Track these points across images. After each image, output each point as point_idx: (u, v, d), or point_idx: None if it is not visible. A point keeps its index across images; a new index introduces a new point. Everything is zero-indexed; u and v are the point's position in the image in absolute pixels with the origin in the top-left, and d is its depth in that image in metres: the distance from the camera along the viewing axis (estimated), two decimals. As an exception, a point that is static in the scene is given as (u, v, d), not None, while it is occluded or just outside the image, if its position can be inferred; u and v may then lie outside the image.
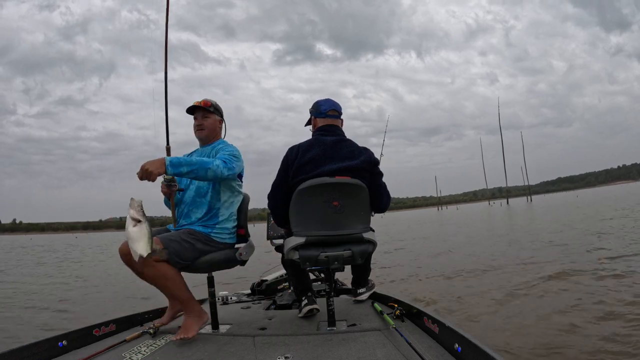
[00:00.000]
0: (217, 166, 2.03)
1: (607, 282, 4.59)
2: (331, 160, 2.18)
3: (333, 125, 2.33)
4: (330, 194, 2.10)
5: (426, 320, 2.00)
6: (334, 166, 2.16)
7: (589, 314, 3.49)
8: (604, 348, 2.77)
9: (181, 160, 1.95)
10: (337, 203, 2.10)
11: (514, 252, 7.76)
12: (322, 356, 1.75)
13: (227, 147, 2.26)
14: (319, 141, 2.24)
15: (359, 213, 2.18)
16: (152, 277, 1.98)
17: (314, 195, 2.10)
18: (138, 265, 1.88)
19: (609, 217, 13.45)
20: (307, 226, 2.12)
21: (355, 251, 2.12)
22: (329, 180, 2.09)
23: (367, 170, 2.24)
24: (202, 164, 1.98)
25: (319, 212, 2.11)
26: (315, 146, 2.21)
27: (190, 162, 1.96)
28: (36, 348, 1.85)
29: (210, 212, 2.23)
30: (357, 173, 2.17)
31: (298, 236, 2.12)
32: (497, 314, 3.87)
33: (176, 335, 2.01)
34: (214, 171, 2.02)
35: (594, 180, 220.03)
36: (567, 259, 6.24)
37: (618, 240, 7.73)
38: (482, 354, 1.43)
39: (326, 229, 2.11)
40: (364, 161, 2.22)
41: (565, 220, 14.71)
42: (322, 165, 2.16)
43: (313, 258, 2.09)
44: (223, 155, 2.14)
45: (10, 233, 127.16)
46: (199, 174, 1.99)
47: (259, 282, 3.40)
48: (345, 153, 2.22)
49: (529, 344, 2.98)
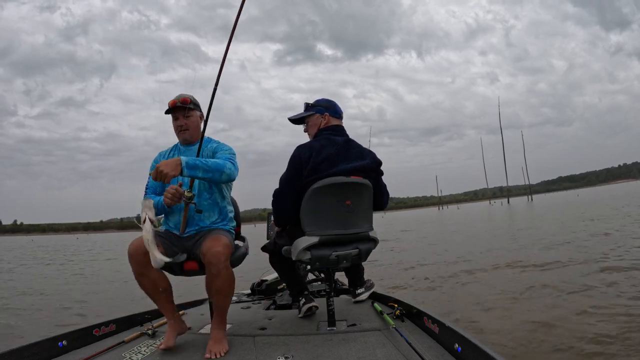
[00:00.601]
0: (230, 168, 2.00)
1: (616, 278, 4.63)
2: (344, 160, 2.18)
3: (341, 126, 2.36)
4: (344, 193, 2.11)
5: (426, 320, 2.00)
6: (348, 166, 2.16)
7: (595, 315, 3.48)
8: (608, 350, 2.77)
9: (197, 162, 1.90)
10: (350, 202, 2.12)
11: (516, 252, 7.74)
12: (322, 356, 1.75)
13: (224, 146, 2.21)
14: (330, 140, 2.23)
15: (366, 212, 2.21)
16: (151, 279, 1.95)
17: (328, 195, 2.09)
18: (146, 269, 1.88)
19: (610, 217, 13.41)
20: (320, 225, 2.10)
21: (362, 249, 2.15)
22: (344, 180, 2.10)
23: (374, 170, 2.29)
24: (217, 167, 1.95)
25: (332, 212, 2.11)
26: (328, 146, 2.20)
27: (207, 165, 1.92)
28: (36, 348, 1.85)
29: (222, 213, 2.20)
30: (367, 173, 2.21)
31: (311, 236, 2.08)
32: (502, 313, 3.87)
33: (158, 345, 1.97)
34: (228, 174, 1.99)
35: (595, 179, 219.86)
36: (569, 260, 6.22)
37: (620, 241, 7.70)
38: (482, 354, 1.43)
39: (338, 228, 2.11)
40: (373, 161, 2.27)
41: (566, 220, 14.69)
42: (337, 165, 2.16)
43: (325, 258, 2.08)
44: (226, 155, 2.10)
45: (12, 234, 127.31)
46: (214, 176, 1.94)
47: (259, 282, 3.40)
48: (355, 153, 2.24)
49: (530, 344, 2.98)
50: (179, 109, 2.19)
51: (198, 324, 2.38)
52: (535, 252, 7.46)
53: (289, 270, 2.46)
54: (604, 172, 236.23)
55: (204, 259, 1.90)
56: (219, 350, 1.85)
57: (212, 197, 2.17)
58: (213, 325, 1.97)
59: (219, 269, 1.85)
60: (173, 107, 2.19)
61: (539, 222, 15.65)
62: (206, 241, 1.94)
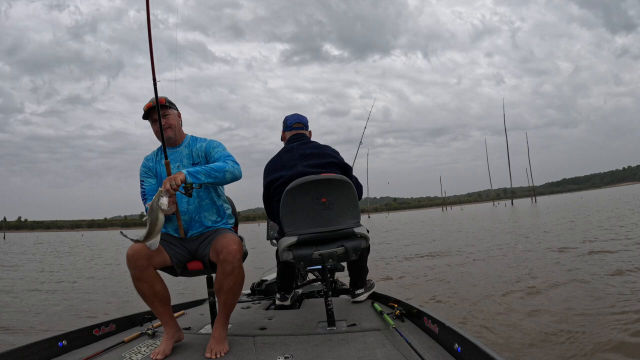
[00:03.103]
0: (232, 167, 2.01)
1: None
2: (303, 160, 2.30)
3: (298, 134, 2.50)
4: (317, 191, 2.14)
5: (426, 320, 2.00)
6: (305, 163, 2.29)
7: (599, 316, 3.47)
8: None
9: (197, 167, 1.94)
10: (326, 199, 2.15)
11: (522, 254, 7.71)
12: (322, 356, 1.74)
13: (219, 146, 2.20)
14: (286, 148, 2.43)
15: (348, 208, 2.22)
16: (150, 284, 1.92)
17: (301, 194, 2.13)
18: (145, 274, 1.88)
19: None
20: (298, 225, 2.15)
21: (349, 247, 2.14)
22: (314, 178, 2.13)
23: (337, 165, 2.35)
24: (219, 167, 1.97)
25: (308, 210, 2.14)
26: (284, 153, 2.39)
27: (208, 166, 1.95)
28: (36, 348, 1.86)
29: (220, 211, 2.21)
30: (329, 168, 2.29)
31: (290, 236, 2.15)
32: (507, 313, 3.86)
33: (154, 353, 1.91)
34: (232, 172, 2.01)
35: (599, 182, 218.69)
36: (573, 261, 6.19)
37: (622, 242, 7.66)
38: (482, 354, 1.43)
39: (317, 226, 2.14)
40: (331, 155, 2.37)
41: (569, 221, 14.64)
42: (295, 167, 2.28)
43: (307, 257, 2.11)
44: (224, 155, 2.11)
45: (16, 230, 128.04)
46: (218, 177, 1.96)
47: (259, 282, 3.41)
48: (312, 152, 2.36)
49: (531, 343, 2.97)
50: (154, 110, 2.13)
51: (198, 324, 2.38)
52: (544, 253, 7.43)
53: (284, 269, 2.73)
54: (609, 175, 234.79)
55: (217, 257, 1.91)
56: (220, 349, 1.85)
57: (208, 195, 2.18)
58: (216, 325, 1.96)
59: (234, 267, 1.88)
60: (149, 109, 2.15)
61: (546, 223, 15.55)
62: (219, 240, 1.95)
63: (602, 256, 6.30)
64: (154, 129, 2.19)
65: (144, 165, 2.23)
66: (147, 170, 2.21)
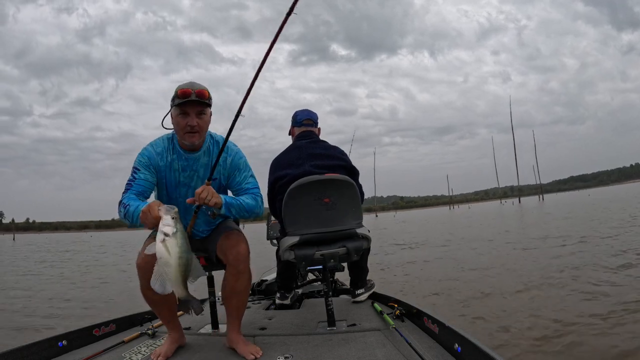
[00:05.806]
0: (260, 207, 1.94)
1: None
2: (310, 160, 2.29)
3: (308, 131, 2.48)
4: (320, 191, 2.13)
5: (426, 320, 1.99)
6: (312, 163, 2.27)
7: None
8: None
9: (234, 201, 1.84)
10: (329, 200, 2.14)
11: (529, 253, 7.65)
12: (322, 356, 1.74)
13: (246, 168, 1.98)
14: (295, 145, 2.42)
15: (350, 209, 2.22)
16: (160, 295, 1.68)
17: (304, 194, 2.13)
18: None
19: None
20: (300, 225, 2.15)
21: (350, 247, 2.14)
22: (317, 178, 2.13)
23: (344, 168, 2.34)
24: (250, 208, 1.88)
25: (311, 210, 2.14)
26: (292, 150, 2.37)
27: (242, 205, 1.85)
28: (36, 348, 1.86)
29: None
30: (335, 171, 2.27)
31: (292, 235, 2.15)
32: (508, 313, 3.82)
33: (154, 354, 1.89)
34: (257, 214, 1.94)
35: (607, 179, 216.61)
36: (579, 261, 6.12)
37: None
38: (482, 354, 1.42)
39: (319, 226, 2.14)
40: (339, 157, 2.36)
41: (577, 220, 14.49)
42: (302, 166, 2.26)
43: (309, 257, 2.11)
44: (252, 187, 1.96)
45: (24, 232, 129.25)
46: (243, 216, 1.92)
47: (259, 282, 3.41)
48: (321, 152, 2.34)
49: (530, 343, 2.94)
50: (193, 104, 1.79)
51: (198, 324, 2.38)
52: (549, 252, 7.34)
53: (285, 268, 2.70)
54: (616, 172, 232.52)
55: (225, 258, 1.89)
56: (256, 350, 1.84)
57: None
58: (234, 331, 1.92)
59: (244, 269, 1.87)
60: (186, 100, 1.77)
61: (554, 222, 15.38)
62: (225, 239, 1.91)
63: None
64: (178, 120, 1.81)
65: (148, 154, 1.88)
66: (149, 162, 1.86)
